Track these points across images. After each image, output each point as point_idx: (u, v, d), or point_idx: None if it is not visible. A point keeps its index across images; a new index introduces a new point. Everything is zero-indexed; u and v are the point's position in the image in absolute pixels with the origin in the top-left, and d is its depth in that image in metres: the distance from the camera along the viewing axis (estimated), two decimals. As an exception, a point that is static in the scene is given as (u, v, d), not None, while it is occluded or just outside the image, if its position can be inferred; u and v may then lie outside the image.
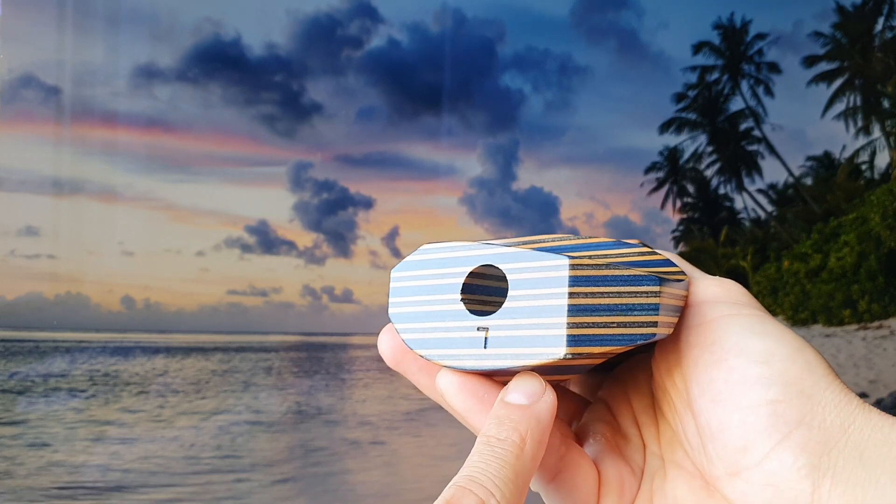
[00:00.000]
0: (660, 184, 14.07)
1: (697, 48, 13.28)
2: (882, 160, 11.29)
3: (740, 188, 13.49)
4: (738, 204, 13.64)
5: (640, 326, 0.25)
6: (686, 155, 13.69)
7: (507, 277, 0.26)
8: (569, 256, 0.25)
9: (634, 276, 0.25)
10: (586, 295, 0.25)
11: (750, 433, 0.25)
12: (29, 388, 8.06)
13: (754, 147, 13.28)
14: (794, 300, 10.00)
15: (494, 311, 0.26)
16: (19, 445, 5.68)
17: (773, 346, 0.25)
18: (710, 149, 13.53)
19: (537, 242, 0.28)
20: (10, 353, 10.64)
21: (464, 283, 0.28)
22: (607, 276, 0.25)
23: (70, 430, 6.32)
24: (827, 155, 12.42)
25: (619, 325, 0.25)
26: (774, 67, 12.95)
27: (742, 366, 0.25)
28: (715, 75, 13.28)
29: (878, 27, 11.05)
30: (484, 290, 0.29)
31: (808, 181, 12.79)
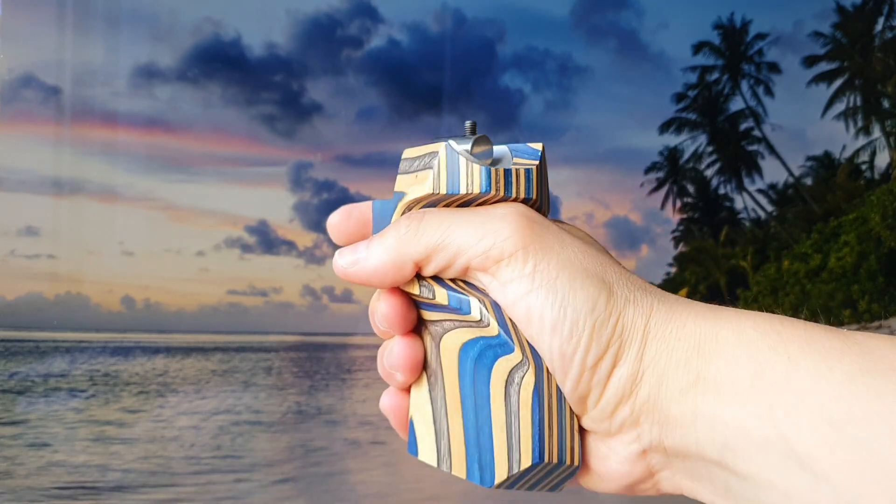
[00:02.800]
0: (660, 184, 14.06)
1: (697, 48, 13.27)
2: (882, 160, 11.29)
3: (740, 188, 13.49)
4: (738, 204, 13.64)
5: None
6: (686, 155, 13.68)
7: None
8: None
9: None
10: None
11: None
12: (29, 388, 8.06)
13: (754, 147, 13.26)
14: (794, 300, 9.99)
15: None
16: (19, 445, 5.68)
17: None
18: (710, 149, 13.52)
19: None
20: (10, 353, 10.63)
21: None
22: None
23: (70, 430, 6.32)
24: (827, 155, 12.42)
25: None
26: (774, 67, 12.94)
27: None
28: (715, 75, 13.27)
29: (878, 27, 11.05)
30: None
31: (808, 181, 12.78)
